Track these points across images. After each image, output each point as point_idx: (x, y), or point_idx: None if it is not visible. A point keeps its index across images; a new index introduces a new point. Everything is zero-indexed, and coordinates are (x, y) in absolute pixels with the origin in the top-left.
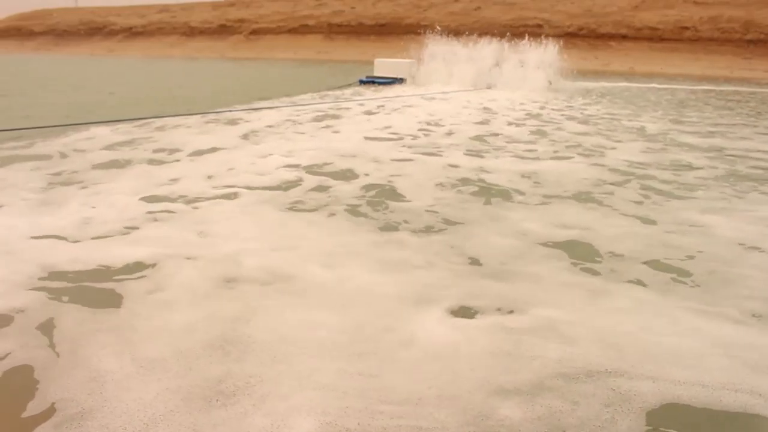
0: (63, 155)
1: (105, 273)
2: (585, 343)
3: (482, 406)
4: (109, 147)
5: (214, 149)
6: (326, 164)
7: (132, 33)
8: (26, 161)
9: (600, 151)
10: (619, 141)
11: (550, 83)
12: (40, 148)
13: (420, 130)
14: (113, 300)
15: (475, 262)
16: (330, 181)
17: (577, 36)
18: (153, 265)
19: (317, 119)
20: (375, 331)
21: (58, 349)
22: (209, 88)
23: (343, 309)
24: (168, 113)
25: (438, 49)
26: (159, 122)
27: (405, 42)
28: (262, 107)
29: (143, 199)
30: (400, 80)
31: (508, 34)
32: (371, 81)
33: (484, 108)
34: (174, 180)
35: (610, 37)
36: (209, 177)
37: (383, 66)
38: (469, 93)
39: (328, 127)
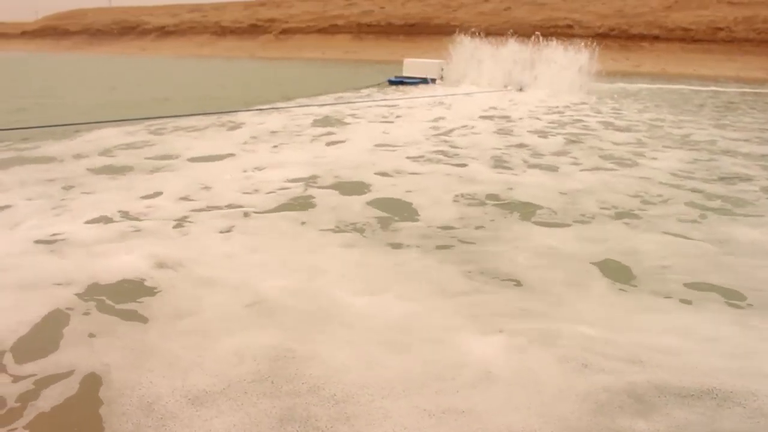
0: (59, 160)
1: (119, 291)
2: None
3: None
4: (109, 150)
5: (219, 156)
6: (339, 174)
7: (164, 32)
8: (26, 164)
9: (641, 161)
10: (662, 149)
11: (581, 85)
12: (42, 150)
13: (442, 135)
14: (140, 321)
15: (517, 284)
16: (341, 195)
17: (608, 37)
18: (170, 287)
19: (336, 121)
20: (443, 366)
21: (100, 371)
22: (234, 87)
23: (398, 341)
24: (185, 113)
25: (467, 50)
26: (175, 122)
27: (434, 42)
28: (288, 106)
29: (131, 211)
30: (429, 80)
31: (538, 34)
32: (400, 81)
33: (513, 111)
34: (186, 188)
35: (642, 38)
36: (206, 187)
37: (412, 66)
38: (498, 94)
39: (349, 129)
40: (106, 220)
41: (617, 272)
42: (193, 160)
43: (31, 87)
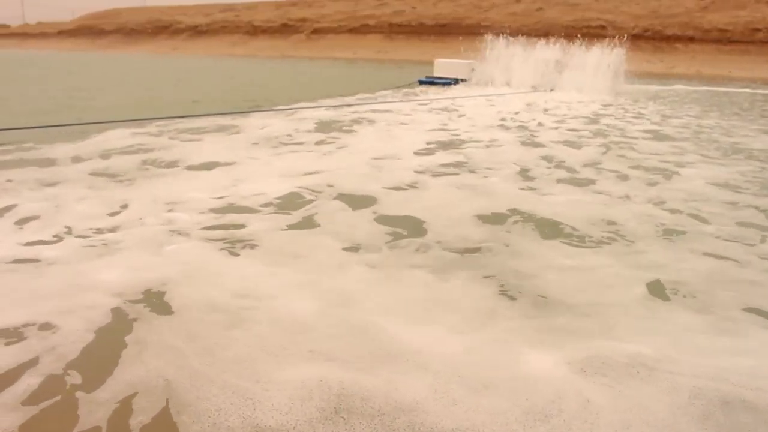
0: (57, 161)
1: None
2: None
3: None
4: (108, 154)
5: (222, 163)
6: (350, 184)
7: (197, 31)
8: (25, 166)
9: (683, 173)
10: (707, 159)
11: (614, 86)
12: (45, 151)
13: (466, 138)
14: (178, 346)
15: (565, 306)
16: (352, 210)
17: (642, 38)
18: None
19: (355, 122)
20: (538, 402)
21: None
22: (262, 86)
23: (474, 376)
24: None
25: (499, 50)
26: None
27: (465, 42)
28: (319, 106)
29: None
30: (460, 81)
31: (570, 35)
32: (431, 81)
33: (544, 114)
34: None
35: (677, 39)
36: (208, 197)
37: (443, 66)
38: (528, 95)
39: (370, 132)
40: (93, 232)
41: (669, 294)
42: (194, 167)
43: (61, 86)
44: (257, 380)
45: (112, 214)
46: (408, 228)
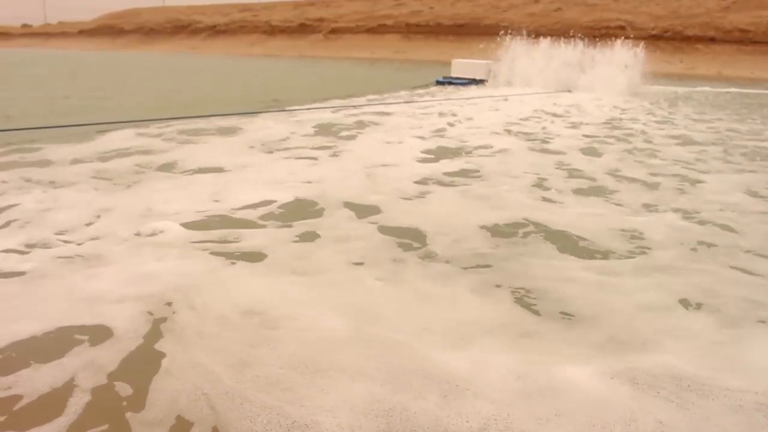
0: (54, 163)
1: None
2: None
3: None
4: (107, 156)
5: (222, 168)
6: (358, 193)
7: (215, 31)
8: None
9: (711, 182)
10: (735, 166)
11: (633, 87)
12: (46, 152)
13: (477, 146)
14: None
15: (602, 326)
16: (359, 219)
17: (662, 38)
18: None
19: (371, 124)
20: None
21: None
22: (278, 86)
23: (539, 404)
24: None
25: (516, 51)
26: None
27: (483, 43)
28: (330, 107)
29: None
30: (477, 81)
31: (589, 36)
32: (448, 82)
33: (561, 116)
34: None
35: (697, 39)
36: (205, 204)
37: (461, 66)
38: (546, 96)
39: (385, 133)
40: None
41: (704, 309)
42: (193, 171)
43: (80, 85)
44: (301, 404)
45: (101, 222)
46: (419, 240)
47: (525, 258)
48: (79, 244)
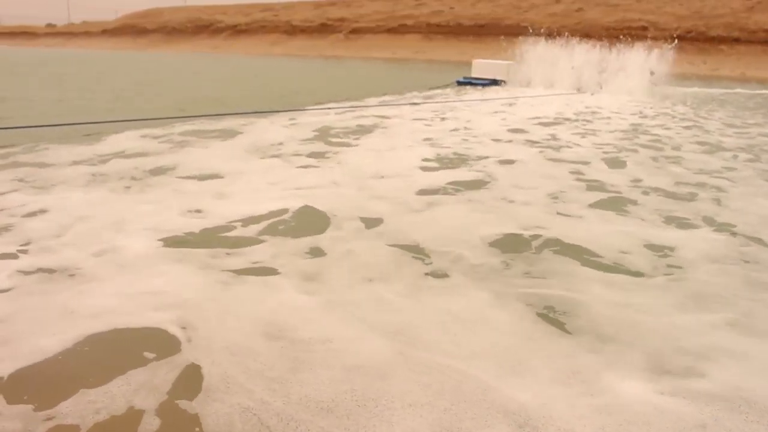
0: (50, 165)
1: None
2: None
3: None
4: (106, 158)
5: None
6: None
7: (236, 31)
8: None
9: (746, 198)
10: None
11: (655, 87)
12: (44, 154)
13: (489, 154)
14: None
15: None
16: (371, 230)
17: (685, 39)
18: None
19: (385, 125)
20: None
21: None
22: (297, 85)
23: None
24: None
25: (537, 51)
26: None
27: (503, 43)
28: (345, 107)
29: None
30: (498, 82)
31: (611, 36)
32: (468, 82)
33: (581, 119)
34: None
35: (721, 40)
36: (202, 211)
37: (481, 67)
38: (567, 98)
39: (402, 134)
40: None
41: (747, 332)
42: (192, 176)
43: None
44: None
45: (90, 231)
46: (429, 254)
47: (547, 275)
48: (63, 255)
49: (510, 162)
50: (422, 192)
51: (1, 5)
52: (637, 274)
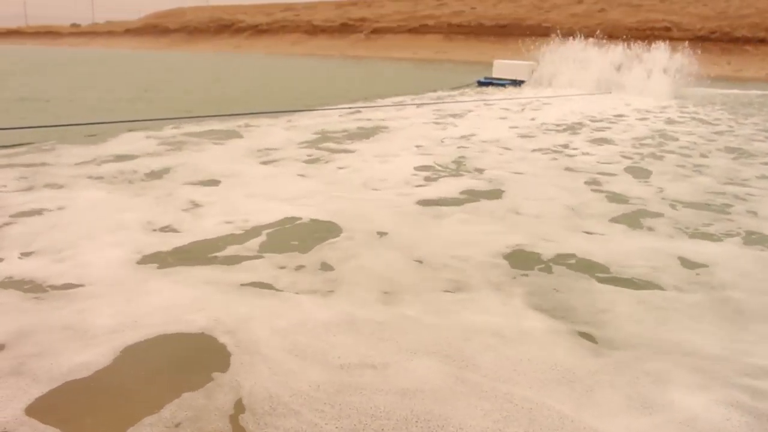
0: (47, 167)
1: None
2: None
3: None
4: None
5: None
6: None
7: (257, 30)
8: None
9: None
10: None
11: (676, 89)
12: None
13: (507, 160)
14: None
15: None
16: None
17: (708, 40)
18: None
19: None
20: None
21: None
22: (313, 85)
23: None
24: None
25: (559, 52)
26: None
27: (525, 44)
28: (365, 106)
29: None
30: (519, 82)
31: (633, 37)
32: (489, 82)
33: (599, 122)
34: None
35: (746, 41)
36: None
37: (502, 67)
38: (587, 98)
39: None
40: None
41: None
42: (197, 182)
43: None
44: None
45: (77, 241)
46: (443, 268)
47: (577, 292)
48: (59, 267)
49: (524, 170)
50: (433, 200)
51: (28, 5)
52: (672, 290)
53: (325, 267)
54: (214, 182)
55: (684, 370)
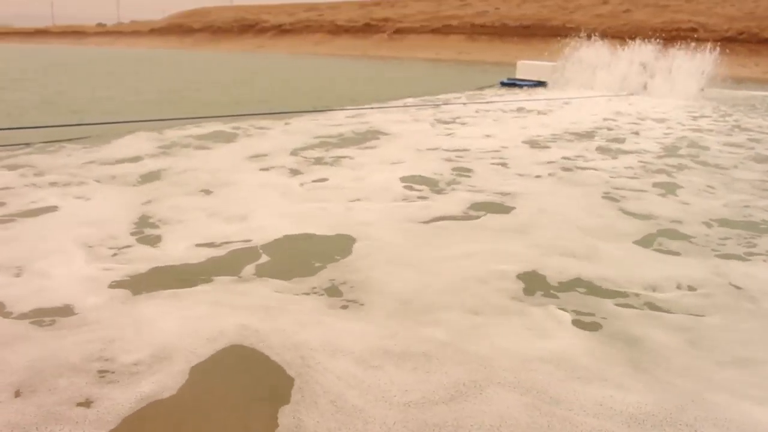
0: (45, 168)
1: None
2: None
3: None
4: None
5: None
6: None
7: (281, 30)
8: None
9: None
10: None
11: (703, 91)
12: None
13: (522, 173)
14: None
15: None
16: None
17: (736, 41)
18: None
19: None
20: None
21: None
22: (336, 85)
23: None
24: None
25: (583, 53)
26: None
27: (549, 44)
28: (393, 106)
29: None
30: (542, 83)
31: (659, 38)
32: (512, 83)
33: (622, 126)
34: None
35: None
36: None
37: (526, 68)
38: (611, 100)
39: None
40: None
41: None
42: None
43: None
44: None
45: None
46: (469, 290)
47: (624, 320)
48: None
49: (541, 178)
50: (440, 216)
51: (55, 5)
52: (713, 314)
53: (345, 289)
54: (225, 185)
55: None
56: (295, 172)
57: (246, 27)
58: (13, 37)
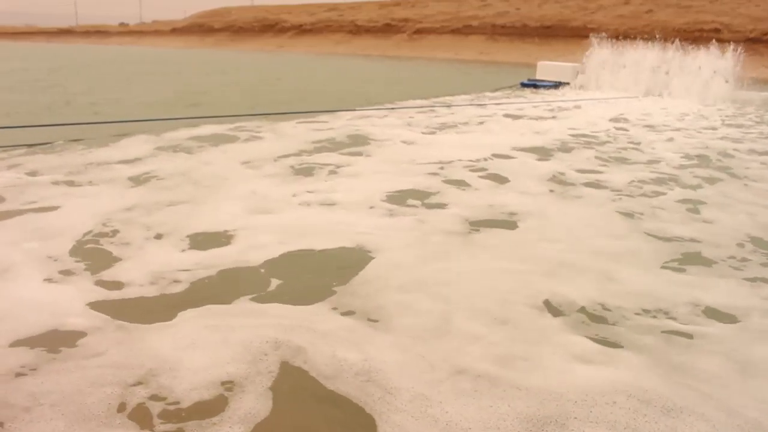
0: (43, 170)
1: None
2: None
3: None
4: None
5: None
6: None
7: (301, 30)
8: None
9: None
10: None
11: (727, 93)
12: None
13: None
14: None
15: None
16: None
17: (761, 42)
18: None
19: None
20: None
21: None
22: (354, 85)
23: None
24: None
25: (604, 53)
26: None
27: (570, 45)
28: (403, 108)
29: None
30: (563, 84)
31: (681, 39)
32: (533, 84)
33: (641, 130)
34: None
35: None
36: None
37: (546, 69)
38: (632, 102)
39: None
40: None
41: None
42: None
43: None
44: None
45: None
46: (485, 316)
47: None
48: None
49: (555, 191)
50: (446, 231)
51: (78, 5)
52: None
53: (345, 308)
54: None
55: None
56: (295, 177)
57: (266, 27)
58: (38, 37)
